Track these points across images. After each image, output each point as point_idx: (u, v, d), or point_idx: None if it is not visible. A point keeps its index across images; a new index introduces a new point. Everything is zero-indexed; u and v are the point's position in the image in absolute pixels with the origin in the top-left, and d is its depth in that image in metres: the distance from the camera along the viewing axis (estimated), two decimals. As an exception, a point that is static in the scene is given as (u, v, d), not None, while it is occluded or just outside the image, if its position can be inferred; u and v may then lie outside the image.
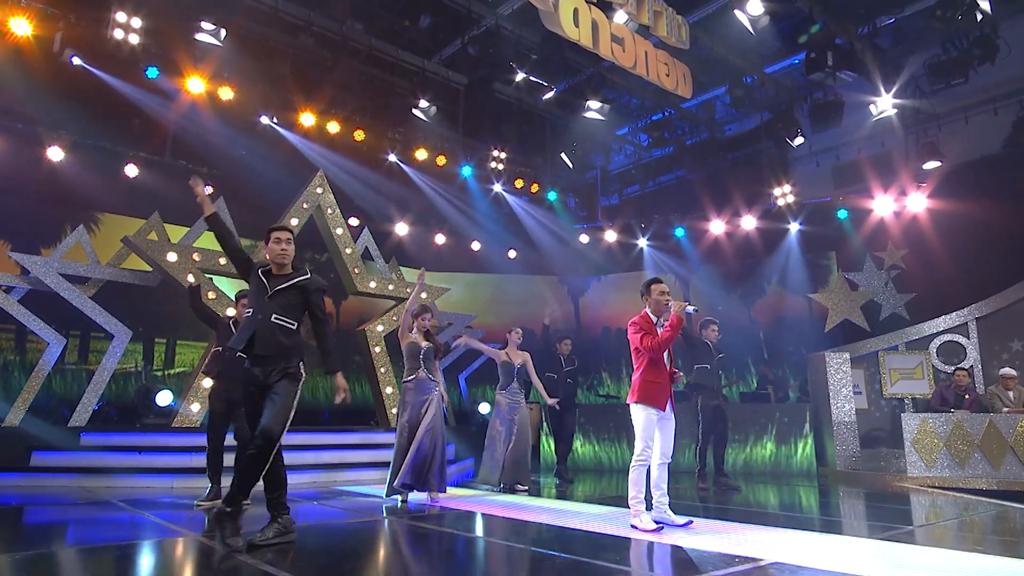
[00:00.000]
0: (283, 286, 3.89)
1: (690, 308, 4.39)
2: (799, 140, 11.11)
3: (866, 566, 3.19)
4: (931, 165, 10.53)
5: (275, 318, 3.82)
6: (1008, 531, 4.61)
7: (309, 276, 4.03)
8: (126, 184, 9.99)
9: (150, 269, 8.60)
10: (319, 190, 9.41)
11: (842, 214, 11.74)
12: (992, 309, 9.49)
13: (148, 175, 10.05)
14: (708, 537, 4.02)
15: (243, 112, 9.69)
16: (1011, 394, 8.04)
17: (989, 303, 9.53)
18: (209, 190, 10.47)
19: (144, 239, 8.38)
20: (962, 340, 9.63)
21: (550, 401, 6.80)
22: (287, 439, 7.56)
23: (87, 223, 10.03)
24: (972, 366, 9.43)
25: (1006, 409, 7.81)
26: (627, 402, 4.51)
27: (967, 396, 8.20)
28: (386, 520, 4.81)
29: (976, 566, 3.23)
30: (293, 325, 3.89)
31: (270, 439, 3.64)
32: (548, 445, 8.97)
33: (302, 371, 3.87)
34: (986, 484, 6.87)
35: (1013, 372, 8.17)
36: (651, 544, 3.87)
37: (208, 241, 9.39)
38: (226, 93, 9.08)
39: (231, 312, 6.56)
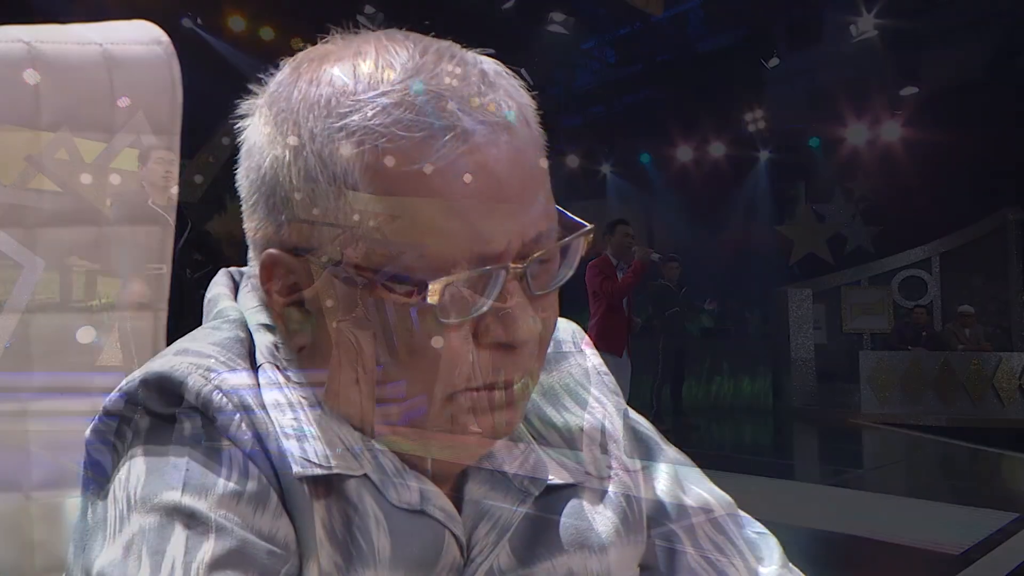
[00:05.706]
0: None
1: (655, 255, 4.45)
2: (775, 61, 10.99)
3: (816, 516, 3.38)
4: (908, 91, 10.59)
5: None
6: (953, 473, 4.94)
7: None
8: (27, 90, 9.29)
9: (61, 191, 8.15)
10: (252, 105, 8.93)
11: (814, 142, 11.81)
12: (956, 244, 9.83)
13: (53, 83, 9.36)
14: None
15: (160, 12, 9.00)
16: (967, 332, 8.47)
17: (954, 238, 9.85)
18: (127, 102, 9.89)
19: (52, 158, 7.89)
20: (924, 275, 10.00)
21: None
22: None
23: (-15, 137, 9.39)
24: (931, 302, 9.84)
25: (961, 347, 8.24)
26: (582, 347, 4.56)
27: (924, 333, 8.61)
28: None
29: (922, 513, 3.46)
30: None
31: None
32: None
33: None
34: (936, 421, 7.32)
35: (971, 309, 8.58)
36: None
37: (128, 161, 8.91)
38: (139, -11, 8.38)
39: None
